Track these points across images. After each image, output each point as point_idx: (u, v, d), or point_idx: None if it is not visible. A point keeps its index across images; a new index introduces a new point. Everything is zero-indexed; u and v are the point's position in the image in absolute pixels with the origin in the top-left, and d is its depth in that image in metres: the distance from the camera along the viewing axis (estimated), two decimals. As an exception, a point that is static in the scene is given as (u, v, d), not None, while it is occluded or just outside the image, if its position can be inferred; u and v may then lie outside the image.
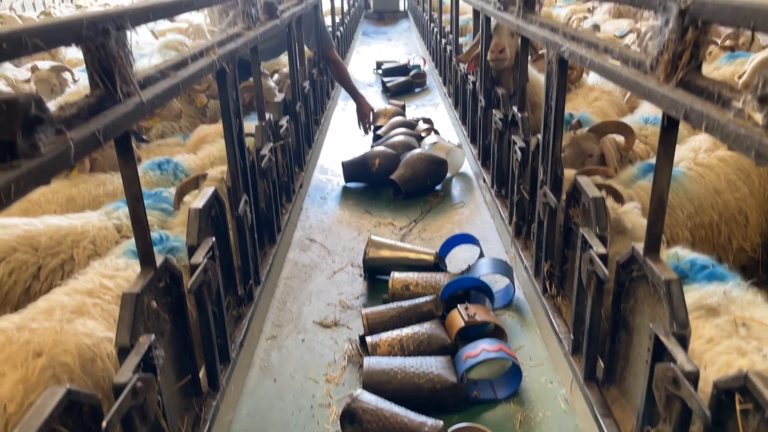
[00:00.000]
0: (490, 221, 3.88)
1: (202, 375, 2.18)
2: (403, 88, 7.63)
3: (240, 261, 2.72)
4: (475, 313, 2.60)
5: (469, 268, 3.17)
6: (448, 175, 4.61)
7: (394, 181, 4.32)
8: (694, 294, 1.89)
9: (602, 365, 2.15)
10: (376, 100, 7.15)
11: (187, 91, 4.46)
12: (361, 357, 2.60)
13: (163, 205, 2.79)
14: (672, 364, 1.51)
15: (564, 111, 2.53)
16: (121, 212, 2.69)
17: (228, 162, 2.61)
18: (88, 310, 1.89)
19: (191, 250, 2.06)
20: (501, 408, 2.35)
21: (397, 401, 2.22)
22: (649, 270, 1.73)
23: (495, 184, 3.88)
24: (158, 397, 1.62)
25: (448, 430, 2.12)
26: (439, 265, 3.24)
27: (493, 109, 3.78)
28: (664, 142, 1.67)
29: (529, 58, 3.36)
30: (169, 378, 1.88)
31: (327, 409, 2.37)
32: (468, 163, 4.82)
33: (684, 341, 1.56)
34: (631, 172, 2.98)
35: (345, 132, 6.00)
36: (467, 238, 3.37)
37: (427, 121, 5.60)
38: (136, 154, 3.42)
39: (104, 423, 1.33)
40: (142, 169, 3.27)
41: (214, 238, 2.18)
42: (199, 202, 2.19)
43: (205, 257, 2.04)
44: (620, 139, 3.21)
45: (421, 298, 2.82)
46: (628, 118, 3.73)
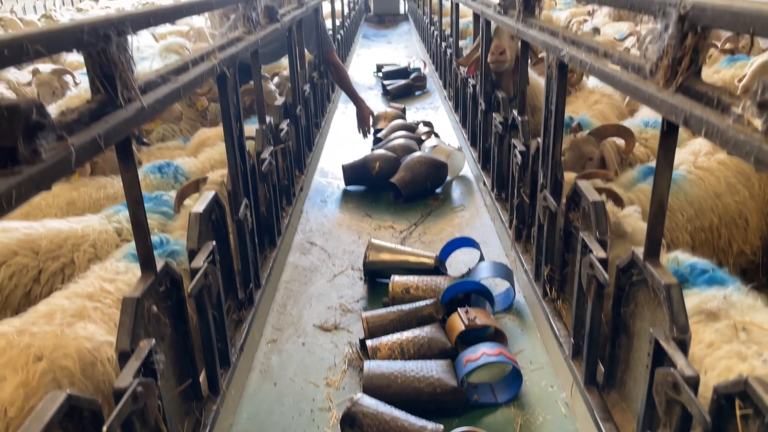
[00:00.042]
0: (491, 224, 3.88)
1: (203, 379, 2.18)
2: (404, 91, 7.63)
3: (240, 264, 2.72)
4: (475, 317, 2.60)
5: (470, 272, 3.17)
6: (449, 179, 4.60)
7: (395, 184, 4.32)
8: (694, 298, 1.90)
9: (602, 369, 2.15)
10: (377, 103, 7.16)
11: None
12: (362, 361, 2.60)
13: (164, 208, 2.79)
14: (672, 368, 1.51)
15: (564, 114, 2.53)
16: (122, 216, 2.69)
17: (228, 165, 2.61)
18: (89, 314, 1.89)
19: (192, 254, 2.06)
20: (501, 412, 2.35)
21: (397, 405, 2.22)
22: (649, 274, 1.74)
23: (495, 188, 3.88)
24: (159, 402, 1.63)
25: (449, 434, 2.12)
26: (439, 268, 3.24)
27: (493, 113, 3.79)
28: (664, 147, 1.67)
29: (529, 62, 3.37)
30: (170, 382, 1.88)
31: (327, 413, 2.37)
32: (468, 167, 4.82)
33: (684, 346, 1.57)
34: (631, 175, 2.99)
35: (345, 135, 6.00)
36: (467, 242, 3.37)
37: (428, 124, 5.60)
38: (137, 157, 3.43)
39: (105, 428, 1.33)
40: (143, 172, 3.28)
41: (214, 242, 2.18)
42: (199, 206, 2.19)
43: (205, 261, 2.04)
44: (620, 142, 3.21)
45: (422, 302, 2.82)
46: (629, 122, 3.73)
